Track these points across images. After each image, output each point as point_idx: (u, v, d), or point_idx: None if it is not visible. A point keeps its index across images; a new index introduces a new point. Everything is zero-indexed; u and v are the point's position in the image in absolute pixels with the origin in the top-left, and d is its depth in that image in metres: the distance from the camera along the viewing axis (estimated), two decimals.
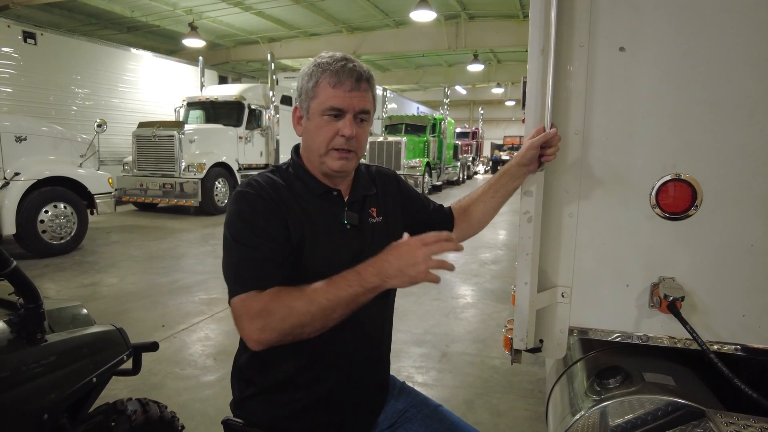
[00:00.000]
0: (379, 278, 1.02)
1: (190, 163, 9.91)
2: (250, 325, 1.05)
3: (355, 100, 1.18)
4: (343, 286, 1.03)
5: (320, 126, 1.19)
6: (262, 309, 1.04)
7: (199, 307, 4.60)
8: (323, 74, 1.17)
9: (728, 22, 1.25)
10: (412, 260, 1.00)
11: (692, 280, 1.35)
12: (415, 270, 1.00)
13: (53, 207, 6.33)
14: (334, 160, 1.20)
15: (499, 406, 2.95)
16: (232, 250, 1.14)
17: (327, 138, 1.19)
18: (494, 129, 35.94)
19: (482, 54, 17.87)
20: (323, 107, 1.17)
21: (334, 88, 1.16)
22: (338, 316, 1.05)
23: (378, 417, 1.38)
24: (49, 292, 4.99)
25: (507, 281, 5.72)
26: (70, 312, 1.53)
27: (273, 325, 1.03)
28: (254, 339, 1.05)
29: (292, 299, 1.04)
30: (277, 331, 1.04)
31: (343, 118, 1.18)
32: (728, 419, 1.15)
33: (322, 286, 1.04)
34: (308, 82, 1.19)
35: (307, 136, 1.23)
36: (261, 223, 1.14)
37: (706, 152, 1.30)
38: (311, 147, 1.23)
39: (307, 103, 1.20)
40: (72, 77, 10.92)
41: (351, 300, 1.03)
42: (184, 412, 2.58)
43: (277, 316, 1.03)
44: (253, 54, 17.81)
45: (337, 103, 1.16)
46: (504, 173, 1.45)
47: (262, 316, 1.04)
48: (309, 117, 1.21)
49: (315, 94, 1.18)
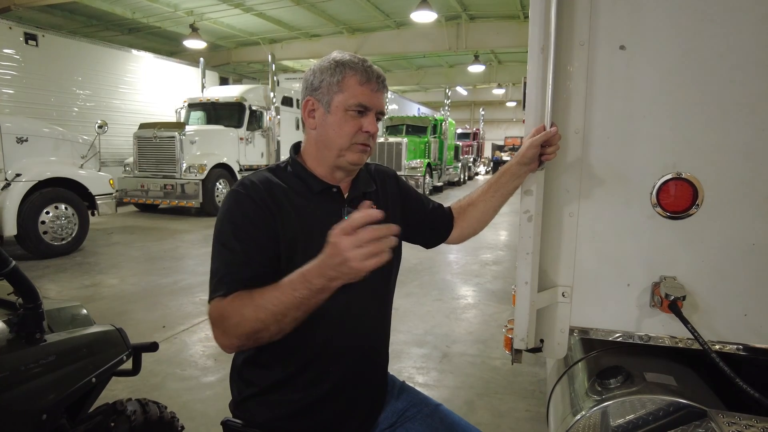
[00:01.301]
0: (324, 279, 0.95)
1: (191, 164, 9.92)
2: (214, 330, 1.08)
3: (378, 100, 1.23)
4: (288, 291, 0.98)
5: (345, 120, 1.20)
6: (220, 315, 1.07)
7: (200, 308, 4.60)
8: (350, 71, 1.19)
9: (729, 20, 1.24)
10: (340, 258, 0.91)
11: (693, 279, 1.35)
12: (348, 267, 0.91)
13: (54, 208, 6.34)
14: (354, 153, 1.22)
15: (500, 406, 2.94)
16: (214, 250, 1.16)
17: (351, 132, 1.20)
18: (495, 130, 35.95)
19: (483, 55, 17.88)
20: (350, 103, 1.19)
21: (363, 86, 1.19)
22: (292, 320, 1.01)
23: (378, 417, 1.38)
24: (49, 292, 4.99)
25: (508, 282, 5.72)
26: (69, 312, 1.53)
27: (230, 332, 1.05)
28: (219, 344, 1.08)
29: (242, 306, 1.04)
30: (235, 337, 1.05)
31: (367, 115, 1.21)
32: (730, 419, 1.15)
33: (270, 292, 1.01)
34: (332, 77, 1.20)
35: (326, 130, 1.22)
36: (245, 226, 1.15)
37: (707, 151, 1.30)
38: (330, 141, 1.22)
39: (329, 98, 1.20)
40: (73, 78, 10.93)
41: (301, 303, 0.98)
42: (184, 412, 2.58)
43: (232, 322, 1.04)
44: (254, 55, 17.83)
45: (365, 101, 1.19)
46: (504, 172, 1.44)
47: (221, 322, 1.06)
48: (330, 111, 1.21)
49: (341, 89, 1.19)
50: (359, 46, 16.20)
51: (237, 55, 18.29)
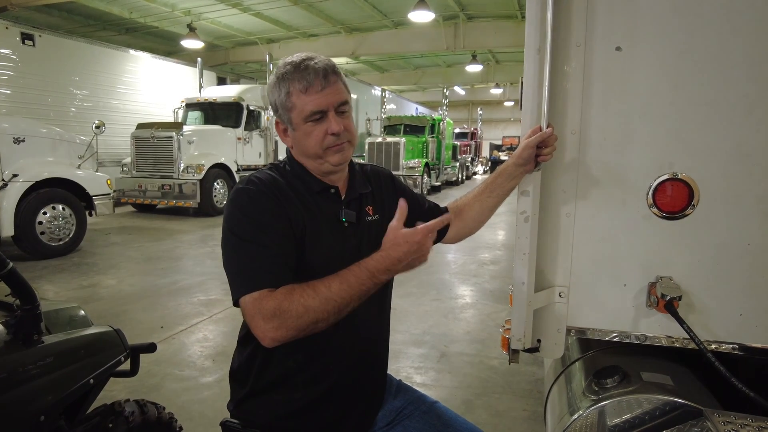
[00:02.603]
0: (389, 275, 1.10)
1: (188, 164, 9.90)
2: (265, 324, 1.05)
3: (330, 96, 1.18)
4: (355, 284, 1.07)
5: (308, 132, 1.19)
6: (277, 308, 1.04)
7: (198, 309, 4.60)
8: (291, 83, 1.17)
9: (725, 21, 1.25)
10: (420, 252, 1.09)
11: (689, 279, 1.35)
12: (420, 260, 1.11)
13: (51, 209, 6.32)
14: (332, 155, 1.22)
15: (497, 406, 2.95)
16: (237, 248, 1.13)
17: (319, 141, 1.19)
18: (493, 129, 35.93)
19: (481, 54, 17.87)
20: (303, 115, 1.17)
21: (307, 94, 1.16)
22: (350, 310, 1.09)
23: (376, 415, 1.38)
24: (47, 293, 4.99)
25: (506, 281, 5.72)
26: (67, 313, 1.53)
27: (289, 324, 1.04)
28: (269, 337, 1.05)
29: (306, 298, 1.05)
30: (294, 329, 1.05)
31: (326, 117, 1.18)
32: (726, 418, 1.15)
33: (336, 285, 1.07)
34: (280, 95, 1.19)
35: (299, 145, 1.24)
36: (267, 219, 1.14)
37: (703, 152, 1.30)
38: (307, 153, 1.23)
39: (287, 116, 1.21)
40: (70, 78, 10.91)
41: (363, 295, 1.09)
42: (182, 413, 2.58)
43: (293, 314, 1.04)
44: (251, 55, 17.80)
45: (314, 107, 1.16)
46: (501, 173, 1.45)
47: (278, 316, 1.04)
48: (294, 128, 1.21)
49: (291, 105, 1.18)
50: (357, 46, 16.19)
51: (234, 55, 18.26)
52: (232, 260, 1.13)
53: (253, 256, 1.11)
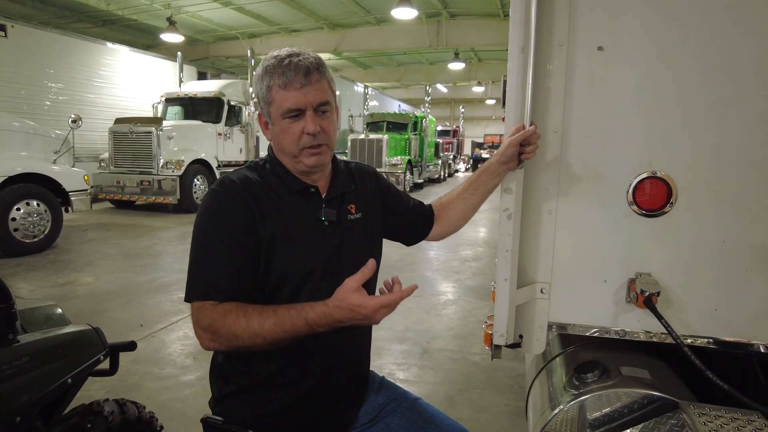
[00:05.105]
0: (330, 328, 1.08)
1: (168, 159, 9.76)
2: (202, 333, 1.10)
3: (310, 95, 1.15)
4: (289, 329, 1.06)
5: (285, 129, 1.18)
6: (210, 324, 1.08)
7: (178, 306, 4.53)
8: (272, 77, 1.15)
9: (702, 24, 1.27)
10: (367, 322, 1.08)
11: (667, 275, 1.38)
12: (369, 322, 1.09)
13: (26, 204, 6.17)
14: (307, 158, 1.20)
15: (479, 401, 2.98)
16: (195, 250, 1.15)
17: (295, 139, 1.18)
18: (475, 127, 36.15)
19: (463, 52, 17.95)
20: (281, 111, 1.16)
21: (286, 90, 1.14)
22: (288, 343, 1.10)
23: (358, 412, 1.38)
24: (21, 291, 4.86)
25: (487, 278, 5.77)
26: (43, 312, 1.50)
27: (222, 342, 1.09)
28: (205, 345, 1.11)
29: (237, 327, 1.06)
30: (226, 347, 1.10)
31: (303, 116, 1.16)
32: (701, 410, 1.18)
33: (269, 324, 1.06)
34: (262, 87, 1.18)
35: (276, 141, 1.23)
36: (227, 227, 1.14)
37: (680, 151, 1.33)
38: (284, 148, 1.22)
39: (267, 109, 1.19)
40: (45, 71, 10.60)
41: (297, 338, 1.08)
42: (163, 412, 2.54)
43: (223, 336, 1.07)
44: (232, 50, 17.57)
45: (292, 104, 1.15)
46: (484, 171, 1.46)
47: (211, 332, 1.08)
48: (273, 122, 1.20)
49: (271, 99, 1.17)
50: (339, 42, 16.10)
51: (215, 50, 17.99)
52: (191, 260, 1.16)
53: (206, 264, 1.13)
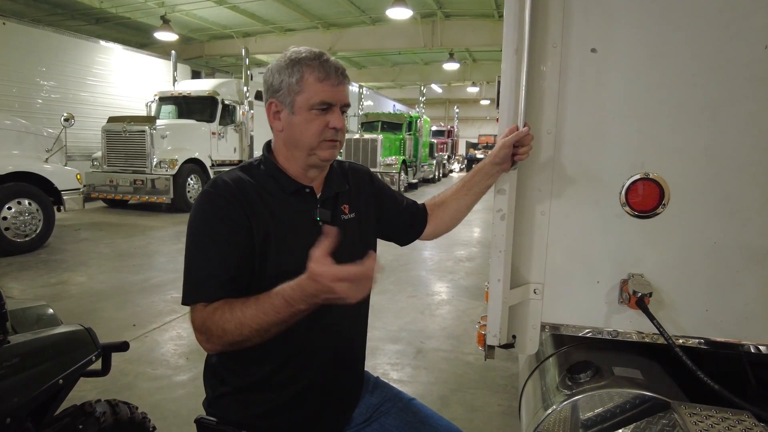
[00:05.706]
0: (307, 304, 1.01)
1: (161, 159, 9.70)
2: (198, 335, 1.11)
3: (341, 94, 1.21)
4: (271, 311, 1.03)
5: (309, 120, 1.19)
6: (202, 324, 1.09)
7: (171, 306, 4.51)
8: (308, 69, 1.18)
9: (693, 27, 1.28)
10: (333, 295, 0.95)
11: (659, 276, 1.39)
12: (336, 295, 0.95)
13: (17, 203, 6.11)
14: (324, 150, 1.22)
15: (473, 401, 2.99)
16: (189, 253, 1.16)
17: (318, 131, 1.19)
18: (469, 127, 36.21)
19: (458, 53, 17.99)
20: (312, 102, 1.18)
21: (323, 83, 1.18)
22: (276, 331, 1.06)
23: (353, 412, 1.38)
24: (12, 291, 4.82)
25: (481, 278, 5.79)
26: (34, 312, 1.49)
27: (215, 341, 1.08)
28: (203, 346, 1.11)
29: (224, 321, 1.06)
30: (220, 345, 1.09)
31: (331, 111, 1.20)
32: (692, 410, 1.19)
33: (251, 311, 1.04)
34: (290, 77, 1.18)
35: (293, 131, 1.22)
36: (220, 228, 1.14)
37: (673, 152, 1.34)
38: (299, 141, 1.22)
39: (291, 98, 1.19)
40: (37, 69, 10.51)
41: (283, 322, 1.03)
42: (156, 412, 2.54)
43: (214, 334, 1.07)
44: (227, 49, 17.51)
45: (327, 98, 1.18)
46: (477, 171, 1.46)
47: (203, 332, 1.09)
48: (294, 112, 1.20)
49: (301, 89, 1.18)
50: (334, 42, 16.09)
51: (210, 49, 17.93)
52: (186, 262, 1.16)
53: (199, 266, 1.14)
